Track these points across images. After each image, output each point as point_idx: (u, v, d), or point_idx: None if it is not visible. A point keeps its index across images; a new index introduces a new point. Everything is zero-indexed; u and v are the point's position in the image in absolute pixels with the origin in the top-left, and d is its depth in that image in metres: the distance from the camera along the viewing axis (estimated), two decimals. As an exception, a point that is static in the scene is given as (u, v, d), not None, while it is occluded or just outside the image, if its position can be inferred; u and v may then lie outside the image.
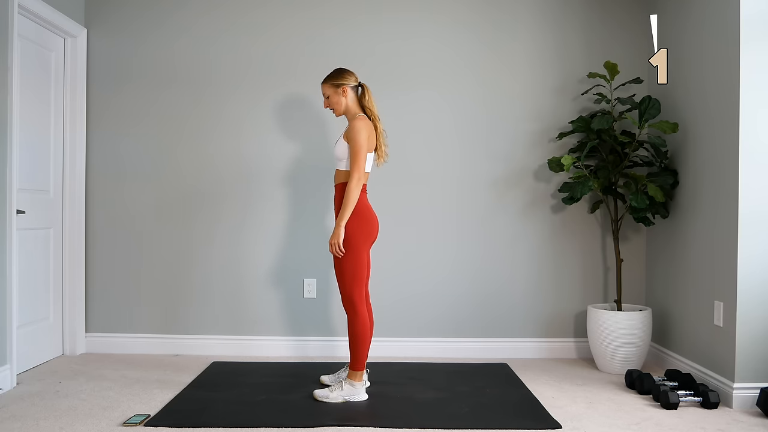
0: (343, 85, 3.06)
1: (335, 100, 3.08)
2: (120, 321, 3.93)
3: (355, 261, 2.96)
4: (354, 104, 3.09)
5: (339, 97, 3.07)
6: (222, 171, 3.91)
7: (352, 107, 3.08)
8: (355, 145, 2.96)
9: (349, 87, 3.07)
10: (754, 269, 2.93)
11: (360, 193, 2.98)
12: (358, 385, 3.00)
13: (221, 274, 3.92)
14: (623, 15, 3.83)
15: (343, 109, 3.09)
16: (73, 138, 3.85)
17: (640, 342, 3.50)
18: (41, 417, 2.72)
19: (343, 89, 3.06)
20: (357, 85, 3.11)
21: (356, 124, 2.99)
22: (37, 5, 3.41)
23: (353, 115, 3.07)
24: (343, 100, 3.07)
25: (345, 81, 3.06)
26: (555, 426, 2.67)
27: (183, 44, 3.92)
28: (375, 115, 3.10)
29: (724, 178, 3.06)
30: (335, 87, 3.07)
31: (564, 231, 3.94)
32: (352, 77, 3.09)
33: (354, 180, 2.94)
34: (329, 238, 3.08)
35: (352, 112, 3.08)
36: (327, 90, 3.09)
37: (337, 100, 3.08)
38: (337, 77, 3.08)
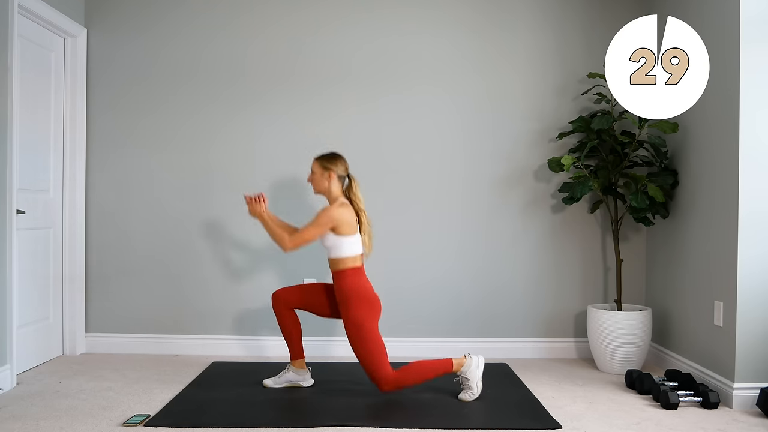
0: (331, 170, 3.11)
1: (318, 180, 3.14)
2: (120, 321, 3.93)
3: (374, 342, 2.98)
4: (337, 190, 3.14)
5: (323, 179, 3.12)
6: (222, 170, 3.91)
7: (334, 192, 3.13)
8: (318, 217, 3.03)
9: (336, 174, 3.12)
10: (754, 269, 2.93)
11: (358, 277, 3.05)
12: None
13: (221, 274, 3.92)
14: (623, 15, 3.83)
15: (323, 189, 3.15)
16: (72, 138, 3.85)
17: (640, 342, 3.50)
18: (41, 417, 2.72)
19: (330, 174, 3.11)
20: (345, 176, 3.16)
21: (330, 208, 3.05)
22: (37, 5, 3.41)
23: (334, 198, 3.12)
24: (326, 183, 3.12)
25: (334, 167, 3.11)
26: (555, 426, 2.66)
27: (183, 44, 3.92)
28: (361, 208, 3.13)
29: (724, 178, 3.06)
30: (323, 169, 3.12)
31: (564, 231, 3.94)
32: (342, 166, 3.14)
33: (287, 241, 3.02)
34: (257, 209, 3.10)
35: (334, 196, 3.13)
36: (315, 167, 3.15)
37: (320, 181, 3.14)
38: (328, 161, 3.13)
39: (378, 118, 3.90)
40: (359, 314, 2.98)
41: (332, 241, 3.05)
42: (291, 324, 3.21)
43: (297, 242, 3.04)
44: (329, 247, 3.08)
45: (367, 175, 3.81)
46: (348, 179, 3.18)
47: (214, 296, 3.92)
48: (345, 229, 3.04)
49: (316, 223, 3.03)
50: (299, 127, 3.91)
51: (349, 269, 3.06)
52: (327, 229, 3.04)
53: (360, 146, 3.86)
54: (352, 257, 3.07)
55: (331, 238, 3.05)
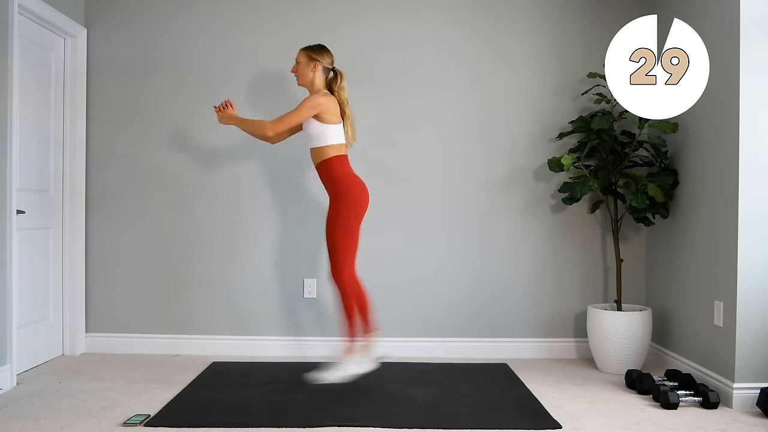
0: (317, 61, 3.15)
1: (303, 70, 3.18)
2: (120, 321, 3.93)
3: (348, 235, 3.04)
4: (321, 83, 3.18)
5: (307, 69, 3.16)
6: (222, 171, 3.91)
7: (317, 84, 3.17)
8: (302, 102, 3.07)
9: (321, 66, 3.16)
10: (754, 269, 2.93)
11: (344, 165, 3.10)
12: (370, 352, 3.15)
13: (221, 274, 3.92)
14: (623, 15, 3.83)
15: (308, 81, 3.18)
16: (73, 138, 3.85)
17: (640, 342, 3.50)
18: (41, 417, 2.72)
19: (315, 65, 3.15)
20: (331, 69, 3.19)
21: (315, 95, 3.10)
22: (37, 5, 3.41)
23: (317, 90, 3.16)
24: (311, 74, 3.16)
25: (319, 58, 3.16)
26: (555, 426, 2.67)
27: (183, 44, 3.92)
28: (344, 100, 3.18)
29: (724, 178, 3.06)
30: (309, 59, 3.16)
31: (564, 231, 3.94)
32: (328, 59, 3.19)
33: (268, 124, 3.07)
34: None
35: (316, 87, 3.17)
36: (301, 57, 3.19)
37: (304, 72, 3.17)
38: (314, 51, 3.18)
39: (378, 119, 3.90)
40: (341, 200, 3.06)
41: (316, 129, 3.08)
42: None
43: (278, 125, 3.07)
44: (313, 136, 3.11)
45: (367, 175, 3.81)
46: (333, 72, 3.21)
47: (214, 296, 3.92)
48: (329, 117, 3.08)
49: (299, 107, 3.08)
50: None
51: (334, 157, 3.10)
52: (310, 114, 3.07)
53: (360, 146, 3.84)
54: (336, 145, 3.11)
55: (315, 125, 3.08)
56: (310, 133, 3.12)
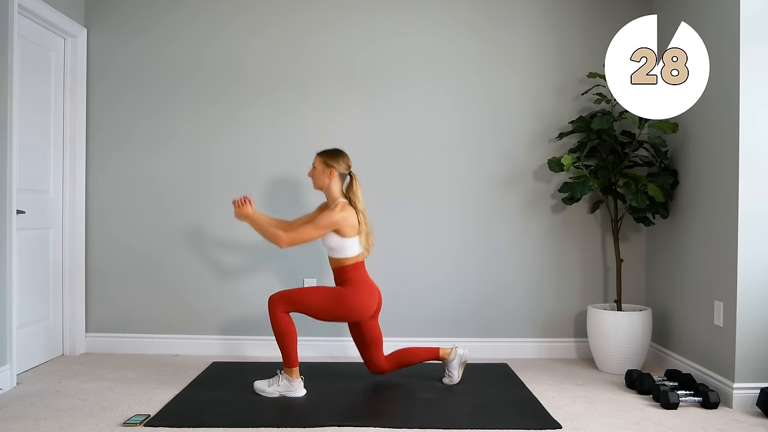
0: (333, 168, 3.12)
1: (319, 176, 3.15)
2: (120, 321, 3.93)
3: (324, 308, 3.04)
4: (337, 189, 3.14)
5: (323, 176, 3.14)
6: (222, 170, 3.91)
7: (334, 190, 3.14)
8: (320, 219, 3.05)
9: (338, 172, 3.13)
10: (754, 269, 2.93)
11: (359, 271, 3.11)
12: (295, 381, 3.03)
13: (221, 274, 3.92)
14: (623, 14, 3.83)
15: (324, 186, 3.15)
16: (72, 138, 3.85)
17: (640, 342, 3.50)
18: (41, 417, 2.72)
19: (331, 171, 3.12)
20: (347, 173, 3.16)
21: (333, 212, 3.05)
22: (37, 5, 3.41)
23: (334, 199, 3.13)
24: (326, 180, 3.13)
25: (336, 165, 3.12)
26: (555, 426, 2.66)
27: (183, 44, 3.92)
28: (359, 208, 3.13)
29: (724, 177, 3.06)
30: (325, 165, 3.13)
31: (564, 231, 3.94)
32: (345, 164, 3.15)
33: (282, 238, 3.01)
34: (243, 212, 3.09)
35: (333, 194, 3.14)
36: (317, 163, 3.16)
37: (321, 178, 3.15)
38: (330, 158, 3.14)
39: (378, 118, 3.90)
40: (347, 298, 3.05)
41: (335, 243, 3.07)
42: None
43: (294, 240, 3.04)
44: (332, 248, 3.10)
45: (366, 176, 3.81)
46: (349, 177, 3.18)
47: (214, 296, 3.92)
48: (348, 232, 3.05)
49: (317, 225, 3.04)
50: (300, 127, 3.90)
51: (351, 266, 3.10)
52: (327, 232, 3.05)
53: (360, 146, 3.85)
54: (354, 257, 3.11)
55: (334, 239, 3.07)
56: (329, 245, 3.10)
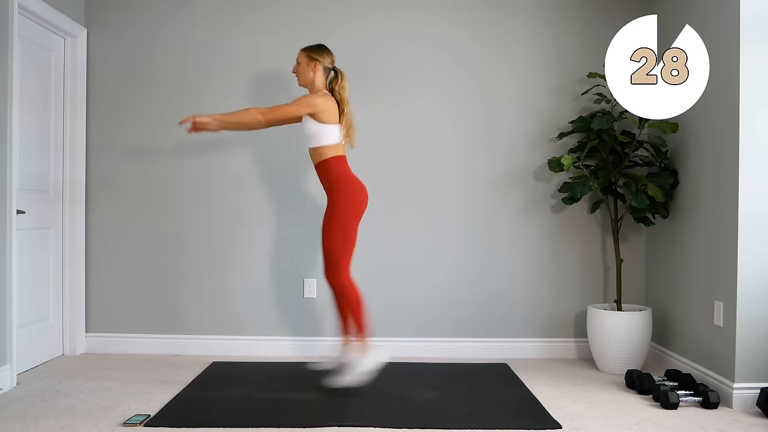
0: (317, 61, 3.14)
1: (303, 70, 3.17)
2: (120, 321, 3.93)
3: (345, 232, 3.02)
4: (321, 83, 3.17)
5: (308, 69, 3.15)
6: (222, 170, 3.91)
7: (317, 84, 3.16)
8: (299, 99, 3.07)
9: (322, 66, 3.15)
10: (754, 269, 2.93)
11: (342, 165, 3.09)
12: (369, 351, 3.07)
13: (221, 274, 3.92)
14: (623, 14, 3.83)
15: (308, 81, 3.17)
16: (72, 138, 3.85)
17: (640, 342, 3.50)
18: (41, 417, 2.72)
19: (315, 65, 3.14)
20: (331, 68, 3.18)
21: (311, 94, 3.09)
22: (37, 5, 3.41)
23: (317, 90, 3.15)
24: (311, 74, 3.14)
25: (320, 58, 3.14)
26: (555, 426, 2.67)
27: (183, 44, 3.92)
28: (345, 99, 3.15)
29: (724, 177, 3.06)
30: (309, 59, 3.15)
31: (564, 231, 3.94)
32: (329, 58, 3.17)
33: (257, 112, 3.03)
34: None
35: (317, 87, 3.15)
36: (301, 58, 3.18)
37: (305, 71, 3.16)
38: (315, 51, 3.17)
39: (378, 118, 3.90)
40: (343, 202, 3.04)
41: (313, 129, 3.08)
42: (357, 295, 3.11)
43: (271, 114, 3.05)
44: (310, 135, 3.11)
45: (367, 176, 3.81)
46: (334, 72, 3.20)
47: (214, 296, 3.92)
48: (326, 117, 3.06)
49: (296, 102, 3.07)
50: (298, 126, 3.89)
51: (333, 158, 3.09)
52: (303, 111, 3.06)
53: (359, 146, 3.85)
54: (334, 146, 3.10)
55: (311, 125, 3.07)
56: (307, 132, 3.11)
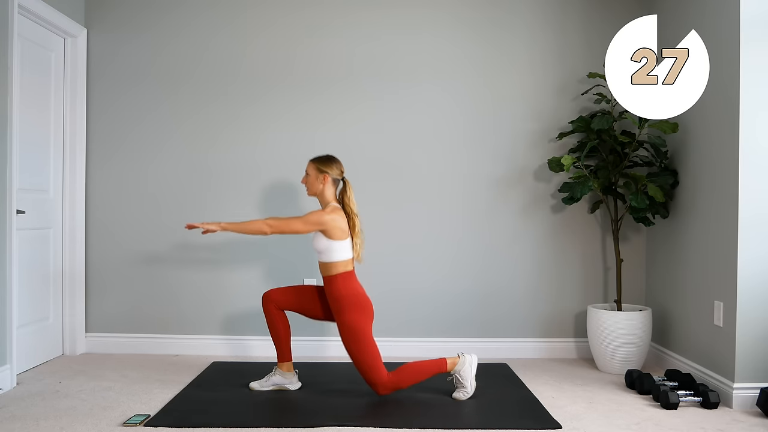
0: (326, 173, 3.11)
1: (312, 182, 3.14)
2: (120, 321, 3.93)
3: (369, 347, 2.99)
4: (331, 195, 3.14)
5: (317, 182, 3.13)
6: (222, 171, 3.92)
7: (327, 195, 3.14)
8: (308, 215, 3.03)
9: (331, 178, 3.12)
10: (754, 269, 2.92)
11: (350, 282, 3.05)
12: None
13: (221, 274, 3.92)
14: (623, 14, 3.83)
15: (317, 192, 3.15)
16: (72, 138, 3.85)
17: (640, 342, 3.50)
18: (41, 417, 2.72)
19: (324, 177, 3.11)
20: (339, 179, 3.16)
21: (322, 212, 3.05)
22: (37, 5, 3.41)
23: (326, 202, 3.13)
24: (320, 186, 3.12)
25: (329, 171, 3.12)
26: (555, 426, 2.67)
27: (183, 44, 3.92)
28: (353, 212, 3.13)
29: (724, 178, 3.06)
30: (318, 171, 3.13)
31: (564, 231, 3.94)
32: (337, 169, 3.15)
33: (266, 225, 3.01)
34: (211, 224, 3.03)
35: (326, 200, 3.14)
36: (310, 170, 3.16)
37: (314, 184, 3.14)
38: (323, 164, 3.13)
39: (378, 118, 3.91)
40: (353, 319, 2.99)
41: (324, 245, 3.05)
42: (281, 325, 3.15)
43: (279, 226, 3.03)
44: (320, 251, 3.08)
45: (366, 176, 3.83)
46: (342, 183, 3.18)
47: (214, 296, 3.92)
48: (336, 234, 3.04)
49: (304, 219, 3.04)
50: (300, 126, 3.91)
51: (341, 274, 3.06)
52: (312, 230, 3.04)
53: (359, 147, 3.86)
54: (343, 262, 3.07)
55: (322, 241, 3.05)
56: (317, 247, 3.09)
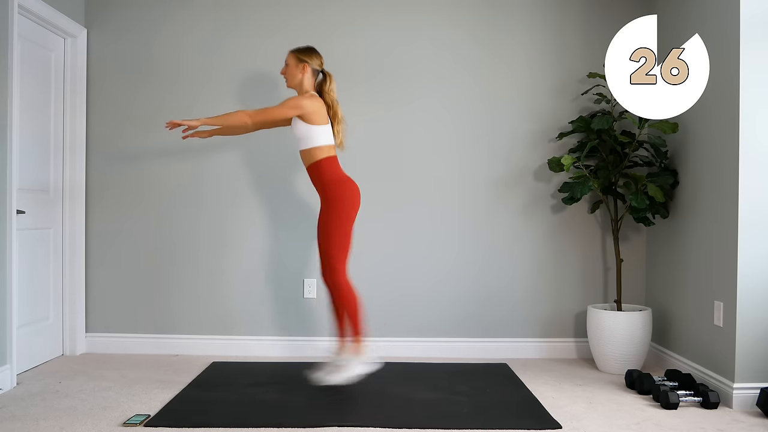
0: (305, 62, 3.14)
1: (292, 72, 3.16)
2: (120, 321, 3.93)
3: (341, 233, 3.01)
4: (310, 85, 3.17)
5: (296, 71, 3.15)
6: (222, 171, 3.91)
7: (306, 85, 3.16)
8: (286, 101, 3.05)
9: (311, 68, 3.15)
10: (754, 269, 2.93)
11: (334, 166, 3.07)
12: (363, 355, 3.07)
13: (221, 274, 3.92)
14: (623, 14, 3.83)
15: (296, 82, 3.17)
16: (72, 138, 3.85)
17: (640, 342, 3.51)
18: (41, 417, 2.72)
19: (304, 66, 3.14)
20: (320, 71, 3.18)
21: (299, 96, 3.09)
22: (37, 5, 3.41)
23: (305, 92, 3.14)
24: (299, 75, 3.14)
25: (308, 60, 3.14)
26: (555, 426, 2.67)
27: (183, 44, 3.92)
28: (334, 100, 3.16)
29: (724, 178, 3.06)
30: (298, 60, 3.15)
31: (564, 231, 3.94)
32: (317, 60, 3.17)
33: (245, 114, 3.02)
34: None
35: (305, 89, 3.15)
36: (290, 59, 3.18)
37: (293, 73, 3.16)
38: (303, 53, 3.16)
39: (377, 120, 3.90)
40: (338, 203, 3.02)
41: (302, 130, 3.07)
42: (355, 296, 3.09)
43: (259, 116, 3.04)
44: (300, 137, 3.10)
45: (366, 177, 3.82)
46: (323, 74, 3.20)
47: (214, 296, 3.92)
48: (315, 118, 3.05)
49: (282, 104, 3.06)
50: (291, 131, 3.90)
51: (324, 159, 3.07)
52: (291, 113, 3.05)
53: (359, 147, 3.86)
54: (324, 147, 3.08)
55: (300, 126, 3.06)
56: (297, 134, 3.10)
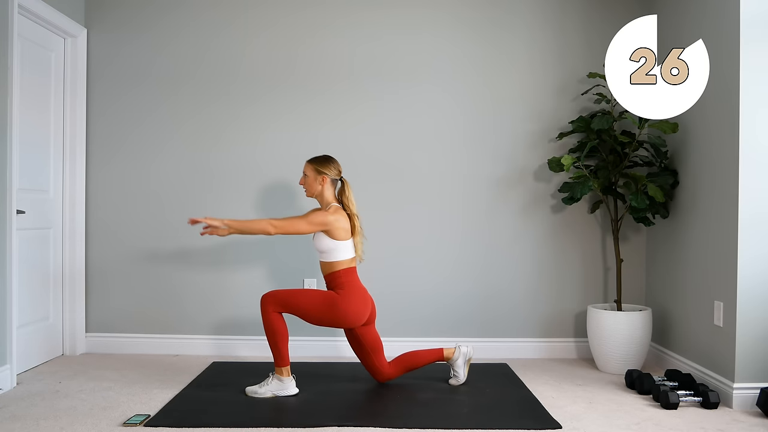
0: (324, 174, 3.12)
1: (311, 183, 3.15)
2: (120, 321, 3.93)
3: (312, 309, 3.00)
4: (330, 195, 3.15)
5: (315, 183, 3.14)
6: (222, 171, 3.91)
7: (327, 196, 3.14)
8: (312, 216, 3.05)
9: (329, 178, 3.13)
10: (754, 269, 2.92)
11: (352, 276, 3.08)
12: (286, 380, 3.03)
13: (221, 273, 3.92)
14: (623, 14, 3.83)
15: (316, 193, 3.16)
16: (73, 138, 3.85)
17: (640, 342, 3.50)
18: (41, 417, 2.72)
19: (323, 178, 3.12)
20: (338, 179, 3.17)
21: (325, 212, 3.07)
22: (37, 5, 3.41)
23: (327, 204, 3.14)
24: (319, 187, 3.13)
25: (327, 171, 3.12)
26: (555, 426, 2.67)
27: (183, 44, 3.92)
28: (353, 212, 3.14)
29: (724, 178, 3.06)
30: (316, 172, 3.13)
31: (564, 231, 3.94)
32: (335, 170, 3.15)
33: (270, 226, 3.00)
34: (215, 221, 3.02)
35: (327, 200, 3.14)
36: (308, 170, 3.15)
37: (312, 185, 3.15)
38: (321, 164, 3.14)
39: (378, 118, 3.91)
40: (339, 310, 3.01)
41: (327, 246, 3.05)
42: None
43: (283, 227, 3.03)
44: (324, 252, 3.08)
45: (367, 177, 3.83)
46: (341, 183, 3.18)
47: (214, 296, 3.92)
48: (340, 234, 3.04)
49: (308, 220, 3.03)
50: (301, 127, 3.90)
51: (343, 270, 3.07)
52: (316, 230, 3.05)
53: (360, 148, 3.86)
54: (346, 260, 3.08)
55: (326, 242, 3.05)
56: (320, 247, 3.08)
